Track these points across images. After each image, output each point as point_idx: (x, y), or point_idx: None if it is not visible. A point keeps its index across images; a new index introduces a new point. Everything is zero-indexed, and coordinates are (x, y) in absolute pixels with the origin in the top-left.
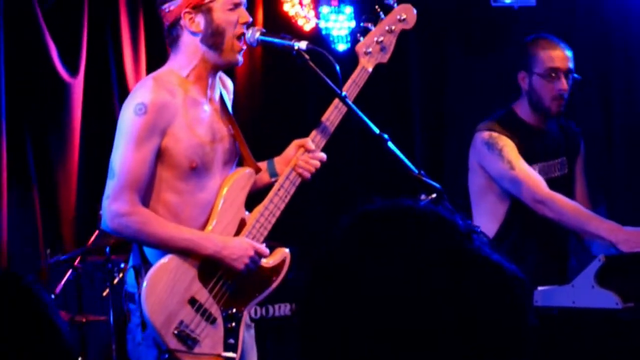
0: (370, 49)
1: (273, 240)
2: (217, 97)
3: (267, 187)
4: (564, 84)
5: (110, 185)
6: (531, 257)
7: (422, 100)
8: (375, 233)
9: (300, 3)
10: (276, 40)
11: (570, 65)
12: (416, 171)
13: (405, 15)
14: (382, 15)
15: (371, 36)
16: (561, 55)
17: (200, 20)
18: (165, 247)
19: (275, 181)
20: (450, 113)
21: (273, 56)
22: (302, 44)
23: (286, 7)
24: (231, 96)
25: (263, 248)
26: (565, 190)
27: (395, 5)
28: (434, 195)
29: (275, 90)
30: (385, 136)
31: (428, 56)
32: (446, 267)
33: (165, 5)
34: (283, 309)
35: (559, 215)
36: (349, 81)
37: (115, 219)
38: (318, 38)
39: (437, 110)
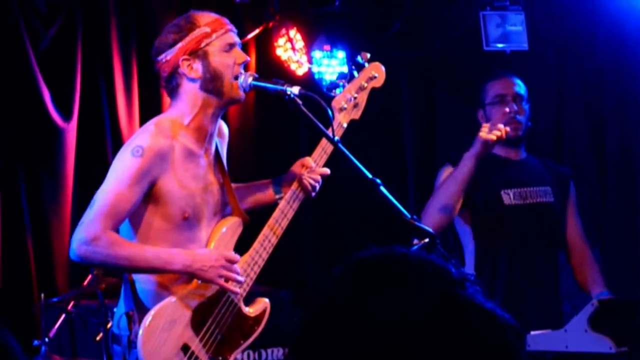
0: (345, 105)
1: (266, 284)
2: (213, 148)
3: (271, 206)
4: (512, 106)
5: (86, 214)
6: (500, 299)
7: (414, 145)
8: (368, 281)
9: (293, 48)
10: (269, 85)
11: (518, 90)
12: (409, 216)
13: (376, 73)
14: (355, 73)
15: (346, 92)
16: (506, 82)
17: (198, 65)
18: (134, 268)
19: (279, 198)
20: (443, 158)
21: (265, 100)
22: (295, 89)
23: (279, 52)
24: (226, 141)
25: (233, 255)
26: (546, 215)
27: (367, 64)
28: (426, 240)
29: (268, 134)
30: (378, 181)
31: (420, 101)
32: (439, 315)
33: (162, 56)
34: (276, 354)
35: (438, 193)
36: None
37: (83, 246)
38: (311, 82)
39: (429, 156)
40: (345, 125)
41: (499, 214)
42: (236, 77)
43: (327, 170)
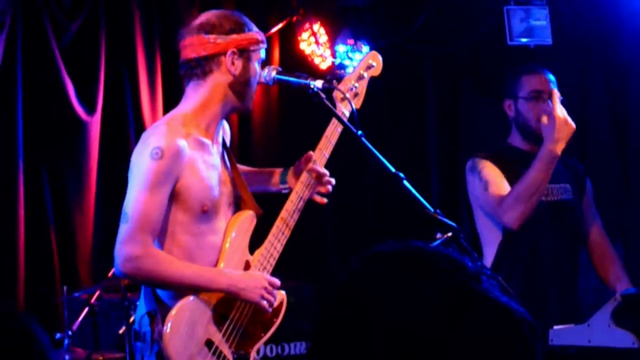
0: (347, 95)
1: (290, 279)
2: (220, 139)
3: (276, 193)
4: (548, 105)
5: (123, 229)
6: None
7: (437, 139)
8: (383, 274)
9: (317, 42)
10: (292, 79)
11: (553, 87)
12: (432, 210)
13: (374, 62)
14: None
15: (346, 82)
16: (543, 79)
17: (239, 64)
18: (180, 286)
19: (284, 189)
20: (466, 152)
21: (289, 94)
22: (318, 83)
23: (302, 46)
24: (228, 137)
25: (275, 279)
26: (567, 213)
27: (365, 53)
28: (449, 234)
29: (291, 127)
30: (401, 175)
31: (444, 95)
32: (452, 308)
33: (212, 36)
34: (298, 347)
35: (516, 194)
36: (330, 126)
37: (128, 263)
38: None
39: (453, 150)
40: (348, 114)
41: None
42: (255, 90)
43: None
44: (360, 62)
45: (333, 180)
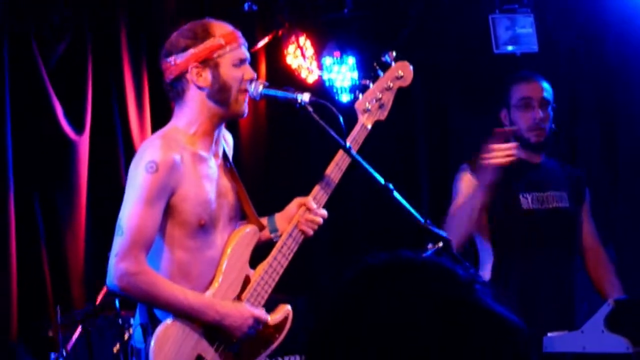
0: (369, 106)
1: (281, 292)
2: (220, 152)
3: (266, 243)
4: (538, 112)
5: (119, 243)
6: (515, 300)
7: (427, 148)
8: (375, 286)
9: (303, 55)
10: (279, 93)
11: (545, 95)
12: (423, 220)
13: (403, 73)
14: (380, 73)
15: (370, 94)
16: (534, 86)
17: (207, 75)
18: (168, 310)
19: (275, 237)
20: (456, 162)
21: (277, 108)
22: (305, 97)
23: (289, 60)
24: (231, 150)
25: (263, 315)
26: (564, 221)
27: (393, 63)
28: (440, 244)
29: (279, 142)
30: (391, 186)
31: (432, 104)
32: (443, 319)
33: (171, 58)
34: None
35: (455, 216)
36: (349, 139)
37: (124, 278)
38: (321, 89)
39: (443, 159)
40: (369, 127)
41: (517, 218)
42: (243, 91)
43: (325, 213)
44: (387, 72)
45: (323, 215)
